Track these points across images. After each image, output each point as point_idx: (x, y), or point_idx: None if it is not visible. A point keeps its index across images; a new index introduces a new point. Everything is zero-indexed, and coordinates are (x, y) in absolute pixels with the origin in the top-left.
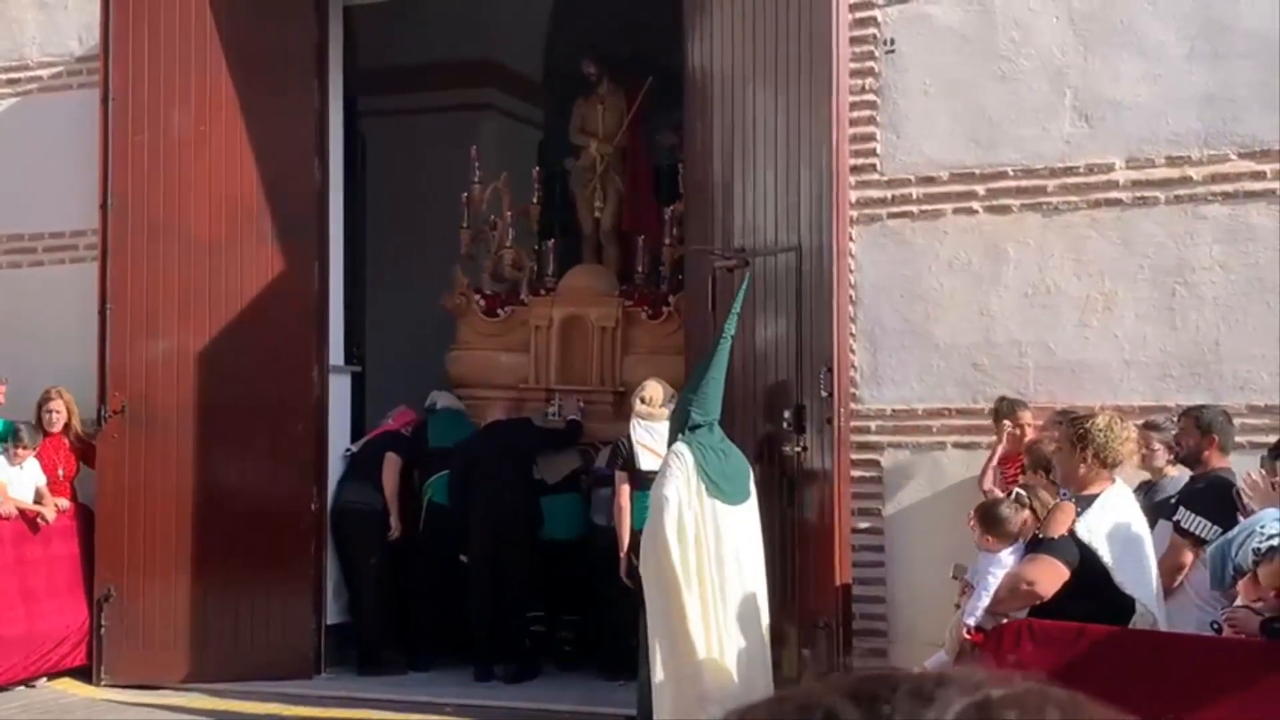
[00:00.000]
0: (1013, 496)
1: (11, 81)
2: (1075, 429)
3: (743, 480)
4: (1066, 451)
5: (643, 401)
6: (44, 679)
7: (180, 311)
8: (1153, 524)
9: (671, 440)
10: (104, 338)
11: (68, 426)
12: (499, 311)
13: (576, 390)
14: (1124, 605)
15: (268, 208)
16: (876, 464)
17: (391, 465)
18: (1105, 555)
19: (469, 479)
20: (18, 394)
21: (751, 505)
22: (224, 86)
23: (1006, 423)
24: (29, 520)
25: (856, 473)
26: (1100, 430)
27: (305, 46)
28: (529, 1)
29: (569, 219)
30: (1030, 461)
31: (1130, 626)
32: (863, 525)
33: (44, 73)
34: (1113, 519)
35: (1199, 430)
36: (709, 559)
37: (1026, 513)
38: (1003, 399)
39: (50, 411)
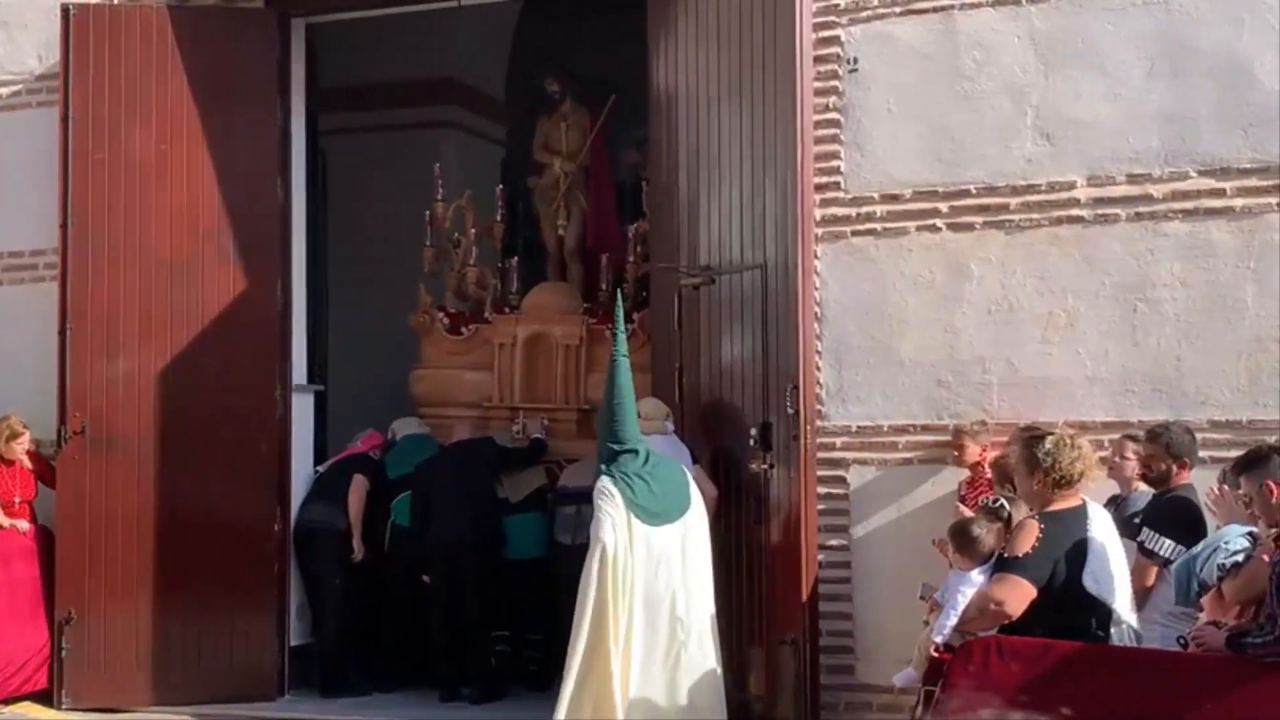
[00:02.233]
0: (995, 503)
1: None
2: (1026, 451)
3: (676, 496)
4: (1023, 474)
5: (645, 419)
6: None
7: (141, 331)
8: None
9: (598, 475)
10: (64, 358)
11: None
12: (463, 330)
13: (541, 408)
14: (1097, 615)
15: (229, 226)
16: (843, 480)
17: (358, 487)
18: (1099, 552)
19: (428, 499)
20: None
21: (693, 515)
22: (185, 105)
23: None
24: None
25: (823, 489)
26: (1047, 454)
27: (267, 64)
28: (491, 19)
29: (532, 237)
30: (997, 476)
31: (1110, 637)
32: (829, 542)
33: (3, 91)
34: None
35: (1170, 455)
36: (642, 601)
37: (999, 528)
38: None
39: (15, 447)
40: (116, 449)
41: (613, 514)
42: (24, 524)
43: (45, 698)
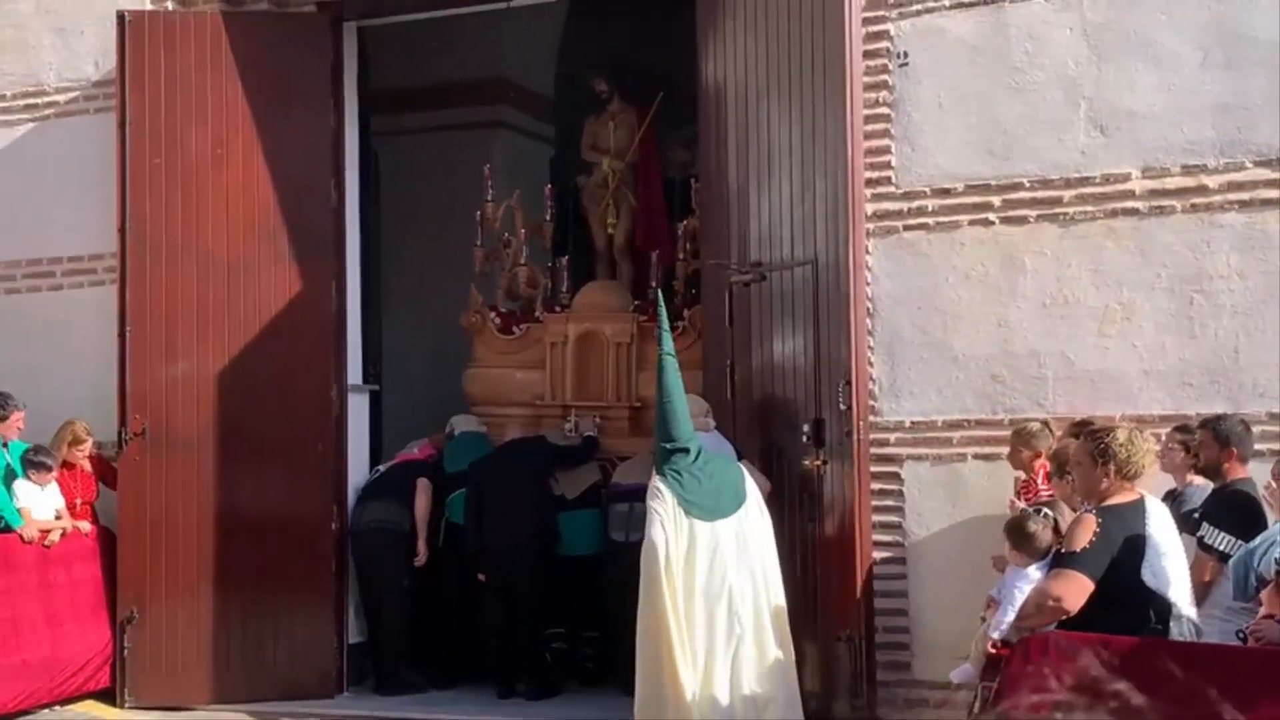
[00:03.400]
0: (1040, 514)
1: (29, 107)
2: (1095, 444)
3: (730, 491)
4: (1087, 466)
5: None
6: (56, 705)
7: (199, 333)
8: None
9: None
10: (124, 360)
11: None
12: (514, 329)
13: (593, 406)
14: (1156, 610)
15: (285, 228)
16: (896, 476)
17: (424, 490)
18: (1158, 547)
19: (482, 497)
20: (36, 417)
21: (748, 509)
22: (240, 109)
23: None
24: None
25: (876, 485)
26: (1121, 445)
27: (320, 68)
28: (540, 19)
29: (582, 236)
30: (1055, 467)
31: (1169, 632)
32: (883, 538)
33: (61, 98)
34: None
35: (1218, 443)
36: (700, 596)
37: (1055, 524)
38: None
39: (78, 453)
40: (176, 450)
41: (661, 513)
42: (85, 525)
43: (107, 696)
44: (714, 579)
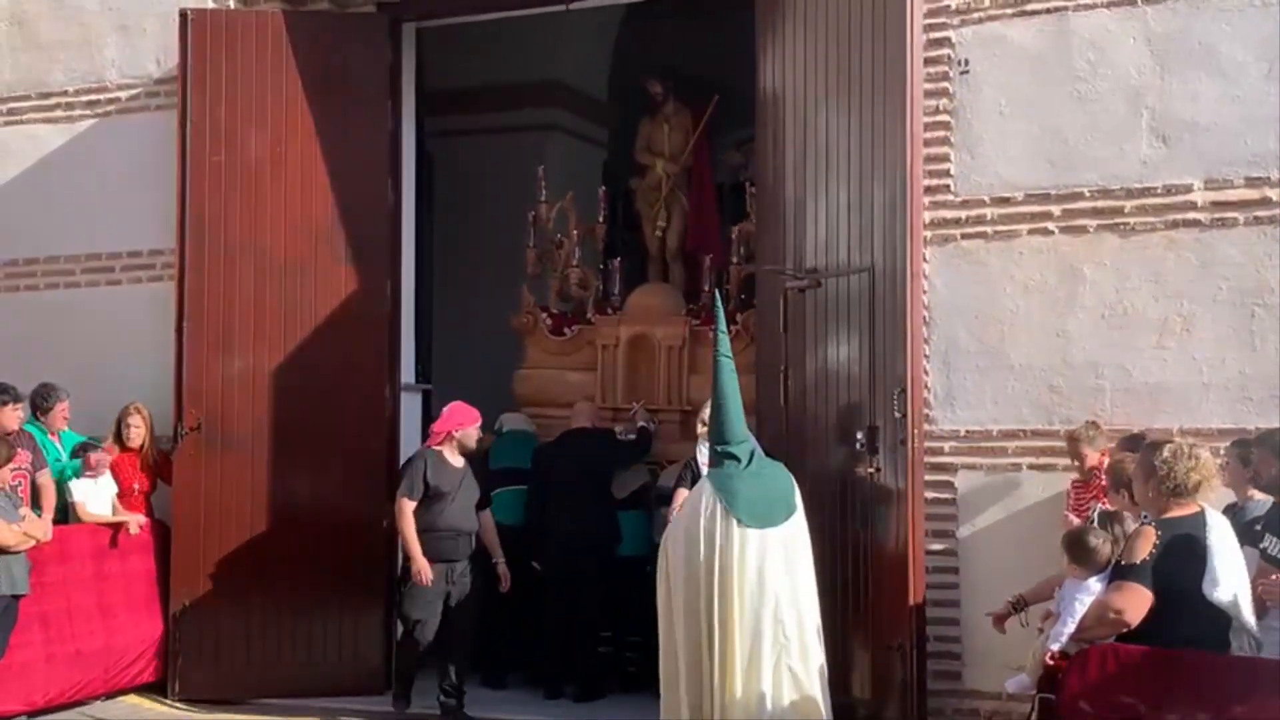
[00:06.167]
0: (1094, 522)
1: (91, 103)
2: (1144, 459)
3: (781, 499)
4: (1140, 479)
5: (703, 424)
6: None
7: (256, 330)
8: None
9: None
10: (180, 356)
11: (143, 444)
12: (566, 331)
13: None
14: (1217, 624)
15: (342, 228)
16: (951, 485)
17: (405, 514)
18: (1218, 559)
19: (546, 490)
20: (95, 410)
21: (797, 519)
22: (299, 108)
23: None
24: (110, 533)
25: (930, 494)
26: (1164, 462)
27: (379, 69)
28: (594, 22)
29: (634, 238)
30: (1112, 482)
31: (1230, 645)
32: (937, 547)
33: (123, 94)
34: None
35: (1277, 458)
36: (749, 605)
37: (1115, 537)
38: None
39: (130, 426)
40: (231, 445)
41: (702, 515)
42: (141, 517)
43: (157, 688)
44: (762, 588)
